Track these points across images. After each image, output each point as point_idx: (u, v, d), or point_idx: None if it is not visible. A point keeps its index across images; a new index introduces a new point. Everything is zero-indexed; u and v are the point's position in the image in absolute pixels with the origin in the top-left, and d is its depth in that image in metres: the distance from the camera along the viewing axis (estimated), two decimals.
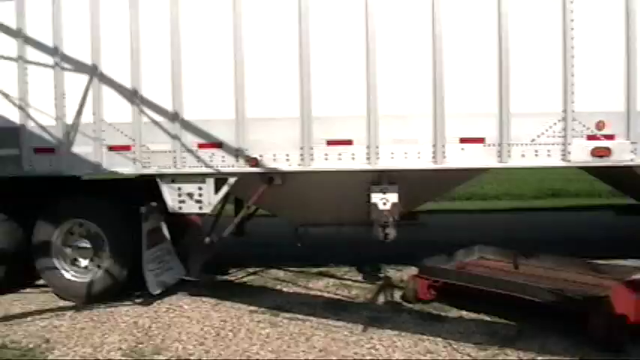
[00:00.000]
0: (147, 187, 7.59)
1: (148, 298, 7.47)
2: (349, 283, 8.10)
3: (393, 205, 7.30)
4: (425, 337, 6.15)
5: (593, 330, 6.01)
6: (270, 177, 7.29)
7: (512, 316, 6.71)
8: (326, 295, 7.67)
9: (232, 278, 8.51)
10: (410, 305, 7.16)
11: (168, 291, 7.70)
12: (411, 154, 7.14)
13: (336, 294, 7.69)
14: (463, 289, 7.06)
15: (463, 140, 7.16)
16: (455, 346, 5.91)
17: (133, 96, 7.39)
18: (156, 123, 7.38)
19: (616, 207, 10.40)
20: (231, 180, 7.32)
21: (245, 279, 8.47)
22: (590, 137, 7.22)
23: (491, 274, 7.28)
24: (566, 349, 5.90)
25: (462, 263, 7.82)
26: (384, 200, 7.32)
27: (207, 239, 7.66)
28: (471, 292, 7.01)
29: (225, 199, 8.09)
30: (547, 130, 7.18)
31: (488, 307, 6.92)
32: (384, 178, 7.32)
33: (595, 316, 6.01)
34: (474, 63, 7.10)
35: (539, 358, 5.66)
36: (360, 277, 8.39)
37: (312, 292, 7.77)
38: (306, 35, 7.10)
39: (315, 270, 8.63)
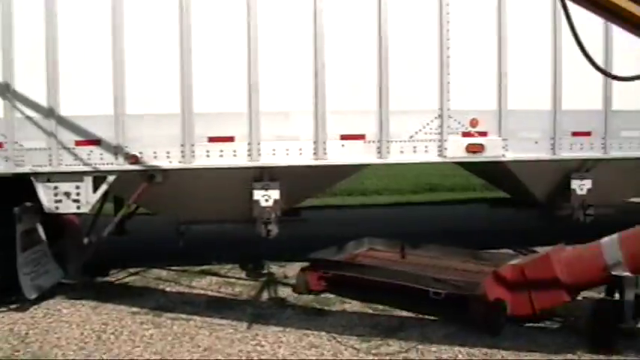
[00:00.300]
0: (22, 186, 7.24)
1: (24, 303, 7.12)
2: (232, 280, 8.06)
3: (275, 201, 7.34)
4: (309, 331, 6.21)
5: (473, 315, 6.30)
6: (151, 174, 7.14)
7: (401, 304, 6.92)
8: (209, 293, 7.60)
9: (113, 279, 8.27)
10: (294, 301, 7.20)
11: (45, 295, 7.38)
12: (293, 151, 7.19)
13: (220, 292, 7.63)
14: (353, 280, 7.22)
15: (344, 137, 7.29)
16: (339, 339, 6.00)
17: (4, 90, 7.02)
18: (30, 119, 7.04)
19: (490, 200, 10.88)
20: (110, 178, 7.11)
21: (126, 280, 8.25)
22: (465, 134, 7.53)
23: (380, 265, 7.50)
24: (446, 336, 6.12)
25: (352, 255, 8.00)
26: (266, 197, 7.34)
27: (85, 240, 7.40)
28: (360, 283, 7.17)
29: (104, 198, 7.87)
30: (424, 127, 7.42)
31: (377, 297, 7.10)
32: (265, 175, 7.34)
33: (474, 301, 6.29)
34: (354, 61, 7.25)
35: (420, 346, 5.84)
36: (243, 275, 8.36)
37: (196, 291, 7.68)
38: (187, 30, 7.00)
39: (197, 268, 8.52)
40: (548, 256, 6.28)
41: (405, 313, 6.81)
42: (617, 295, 5.95)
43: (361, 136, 7.34)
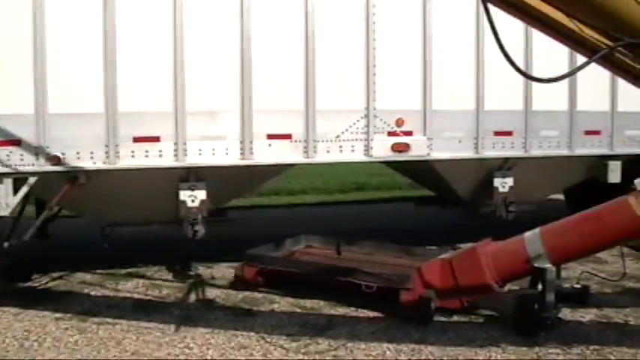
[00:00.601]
0: None
1: None
2: (159, 282, 7.93)
3: (202, 201, 7.28)
4: (238, 332, 6.17)
5: (403, 307, 6.50)
6: (74, 176, 6.96)
7: (335, 299, 7.02)
8: (136, 296, 7.46)
9: (35, 284, 8.02)
10: (222, 302, 7.15)
11: None
12: (219, 151, 7.15)
13: (147, 294, 7.50)
14: (289, 275, 7.37)
15: (270, 136, 7.29)
16: (268, 339, 5.99)
17: None
18: None
19: (415, 199, 11.06)
20: (32, 180, 6.89)
21: (49, 284, 8.02)
22: (391, 133, 7.64)
23: (315, 261, 7.62)
24: (374, 333, 6.19)
25: (289, 251, 8.06)
26: (193, 197, 7.27)
27: (6, 244, 7.17)
28: (296, 278, 7.32)
29: (25, 200, 7.61)
30: (351, 127, 7.50)
31: (312, 292, 7.20)
32: (192, 175, 7.26)
33: (404, 294, 6.49)
34: (281, 61, 7.26)
35: (349, 344, 5.88)
36: (170, 276, 8.24)
37: (122, 294, 7.52)
38: (112, 29, 6.84)
39: (123, 271, 8.35)
40: (475, 250, 6.47)
41: (333, 312, 6.85)
42: (539, 287, 6.18)
43: (288, 136, 7.36)
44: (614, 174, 9.09)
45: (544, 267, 6.10)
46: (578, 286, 6.69)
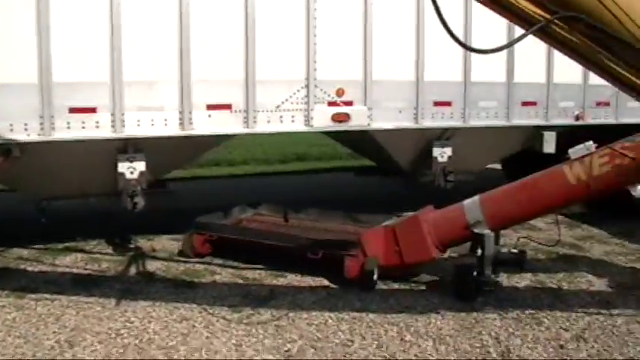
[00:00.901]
0: None
1: None
2: (98, 256, 7.80)
3: (141, 173, 7.16)
4: (180, 304, 6.14)
5: (348, 272, 6.66)
6: (8, 149, 6.74)
7: (281, 266, 7.13)
8: (75, 271, 7.33)
9: None
10: (163, 274, 7.09)
11: None
12: (158, 122, 7.02)
13: (86, 269, 7.38)
14: (237, 243, 7.46)
15: (210, 107, 7.19)
16: (210, 311, 5.98)
17: None
18: None
19: (355, 169, 11.13)
20: None
21: None
22: (331, 103, 7.64)
23: (263, 228, 7.73)
24: (315, 302, 6.26)
25: (237, 219, 8.09)
26: (132, 169, 7.15)
27: None
28: (244, 246, 7.42)
29: None
30: (291, 97, 7.46)
31: (259, 260, 7.40)
32: (130, 147, 7.13)
33: (348, 259, 6.66)
34: (220, 30, 7.14)
35: (291, 313, 5.92)
36: (109, 250, 8.11)
37: (60, 269, 7.38)
38: None
39: (61, 245, 8.18)
40: (417, 217, 6.70)
41: (275, 282, 6.88)
42: (479, 252, 6.40)
43: (228, 106, 7.28)
44: (549, 144, 9.32)
45: (483, 233, 6.33)
46: (515, 251, 6.88)
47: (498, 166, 12.23)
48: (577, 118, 9.51)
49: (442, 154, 8.72)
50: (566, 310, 6.12)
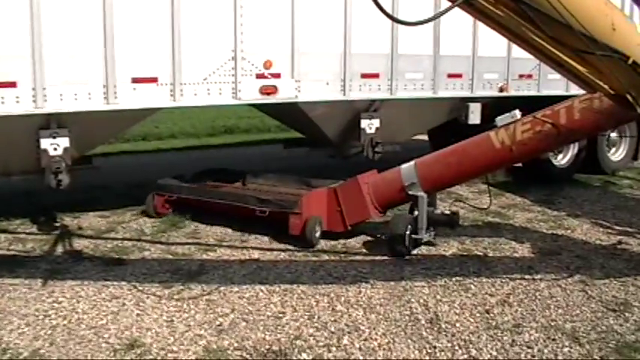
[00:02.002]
0: None
1: None
2: (23, 236, 7.59)
3: (65, 149, 6.96)
4: (109, 282, 6.05)
5: (292, 229, 7.16)
6: None
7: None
8: None
9: None
10: (91, 252, 6.96)
11: None
12: (82, 96, 6.81)
13: (10, 249, 7.16)
14: (194, 203, 8.06)
15: (135, 80, 7.03)
16: (140, 288, 5.91)
17: None
18: None
19: (284, 141, 11.12)
20: None
21: None
22: (259, 76, 7.59)
23: (220, 190, 8.20)
24: (246, 275, 6.27)
25: (199, 183, 8.59)
26: (55, 145, 6.93)
27: None
28: (201, 206, 8.02)
29: None
30: (218, 69, 7.37)
31: (216, 218, 7.94)
32: (53, 122, 6.91)
33: (293, 217, 7.14)
34: (145, 0, 6.96)
35: (223, 287, 5.91)
36: (34, 229, 7.89)
37: None
38: None
39: None
40: (357, 180, 7.21)
41: (205, 257, 6.85)
42: (415, 213, 6.89)
43: (153, 79, 7.13)
44: (474, 115, 9.53)
45: (417, 194, 6.87)
46: (448, 212, 7.37)
47: (425, 137, 12.43)
48: (501, 89, 9.73)
49: (370, 125, 8.79)
50: (492, 277, 6.30)
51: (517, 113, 6.45)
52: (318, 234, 7.18)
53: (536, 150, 6.70)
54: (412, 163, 7.02)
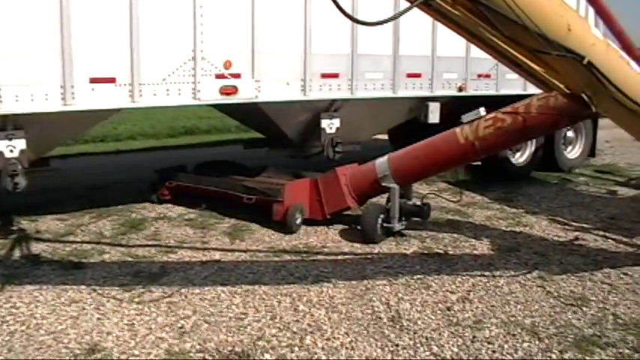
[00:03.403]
0: None
1: None
2: None
3: (21, 151, 6.83)
4: (68, 286, 5.96)
5: (275, 216, 7.72)
6: None
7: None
8: None
9: None
10: (50, 256, 6.85)
11: None
12: (38, 97, 6.69)
13: None
14: (191, 190, 8.66)
15: (94, 80, 6.92)
16: (100, 291, 5.84)
17: None
18: None
19: (245, 141, 11.09)
20: None
21: None
22: (219, 76, 7.55)
23: (213, 176, 8.68)
24: (207, 277, 6.24)
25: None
26: (11, 147, 6.81)
27: None
28: (197, 194, 8.60)
29: None
30: (178, 70, 7.31)
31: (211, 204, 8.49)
32: (9, 124, 6.78)
33: (276, 204, 7.71)
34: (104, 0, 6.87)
35: (184, 289, 5.87)
36: None
37: None
38: None
39: None
40: (335, 171, 7.74)
41: (166, 258, 6.80)
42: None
43: (112, 80, 7.03)
44: (434, 114, 9.64)
45: (390, 186, 7.38)
46: (419, 203, 7.71)
47: (385, 137, 12.52)
48: (460, 89, 9.84)
49: (330, 125, 8.82)
50: (452, 274, 6.37)
51: (481, 111, 6.83)
52: (298, 221, 7.75)
53: (497, 145, 7.13)
54: (386, 156, 7.53)
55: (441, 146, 7.18)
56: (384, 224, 7.36)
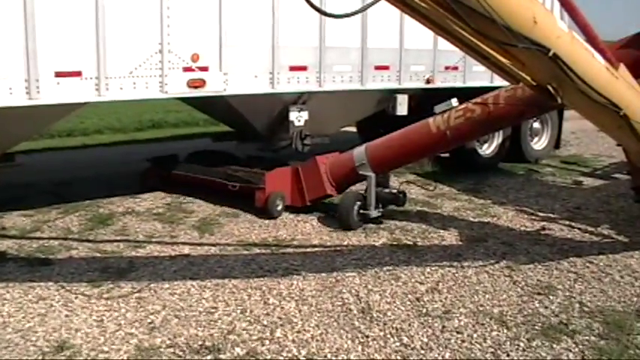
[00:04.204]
0: None
1: None
2: None
3: None
4: (35, 283, 5.88)
5: (257, 203, 7.95)
6: None
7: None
8: None
9: None
10: (16, 253, 6.76)
11: None
12: (2, 91, 6.57)
13: None
14: (182, 178, 8.93)
15: (59, 74, 6.83)
16: (68, 288, 5.78)
17: None
18: None
19: (213, 134, 11.04)
20: None
21: None
22: (186, 69, 7.49)
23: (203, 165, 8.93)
24: (177, 272, 6.21)
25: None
26: None
27: None
28: (186, 181, 8.91)
29: None
30: (144, 63, 7.23)
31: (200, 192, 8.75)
32: None
33: (259, 191, 7.94)
34: None
35: (153, 284, 5.83)
36: None
37: None
38: None
39: None
40: (315, 159, 7.98)
41: (134, 254, 6.74)
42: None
43: (78, 73, 6.93)
44: (402, 107, 9.69)
45: (367, 174, 7.63)
46: (395, 191, 7.99)
47: (354, 129, 12.54)
48: (427, 81, 9.89)
49: (299, 118, 8.82)
50: (421, 265, 6.42)
51: (453, 101, 7.08)
52: (279, 207, 8.00)
53: (467, 135, 7.42)
54: (364, 146, 7.79)
55: (414, 136, 7.46)
56: (361, 211, 7.58)
